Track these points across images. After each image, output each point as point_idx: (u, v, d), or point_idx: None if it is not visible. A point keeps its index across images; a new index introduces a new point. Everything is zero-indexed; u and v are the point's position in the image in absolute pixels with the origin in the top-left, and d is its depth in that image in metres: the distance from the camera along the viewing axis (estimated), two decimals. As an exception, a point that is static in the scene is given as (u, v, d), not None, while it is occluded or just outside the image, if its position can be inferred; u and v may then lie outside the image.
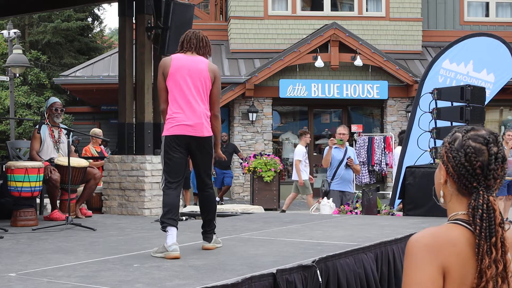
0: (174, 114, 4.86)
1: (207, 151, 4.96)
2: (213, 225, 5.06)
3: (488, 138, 1.88)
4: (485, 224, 1.81)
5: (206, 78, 4.92)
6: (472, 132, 1.90)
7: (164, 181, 4.88)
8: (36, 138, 7.61)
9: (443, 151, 1.93)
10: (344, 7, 19.82)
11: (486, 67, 10.20)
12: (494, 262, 1.79)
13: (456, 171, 1.88)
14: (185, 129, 4.82)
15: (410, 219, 7.16)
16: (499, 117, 19.89)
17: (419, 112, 8.79)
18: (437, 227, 1.88)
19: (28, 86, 22.31)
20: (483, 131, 1.90)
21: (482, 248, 1.79)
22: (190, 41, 5.01)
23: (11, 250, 5.08)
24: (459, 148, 1.88)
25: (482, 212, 1.82)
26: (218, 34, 19.35)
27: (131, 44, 8.59)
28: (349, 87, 18.00)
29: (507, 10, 20.40)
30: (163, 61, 5.02)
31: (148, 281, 3.74)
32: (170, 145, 4.84)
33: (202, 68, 4.93)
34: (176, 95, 4.86)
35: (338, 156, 9.16)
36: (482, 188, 1.85)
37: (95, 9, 26.69)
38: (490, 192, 1.86)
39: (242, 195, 18.10)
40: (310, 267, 4.04)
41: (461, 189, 1.89)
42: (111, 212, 8.25)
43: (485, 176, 1.85)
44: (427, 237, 1.83)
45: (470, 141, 1.88)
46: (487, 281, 1.77)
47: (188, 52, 5.00)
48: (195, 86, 4.87)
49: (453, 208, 1.92)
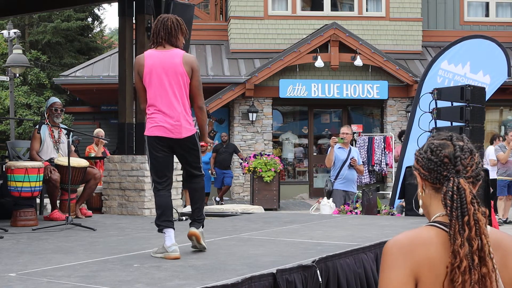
0: (153, 114, 4.71)
1: (190, 148, 4.81)
2: (201, 215, 4.88)
3: (452, 135, 1.96)
4: (456, 204, 1.82)
5: (183, 73, 4.70)
6: (436, 135, 2.00)
7: (152, 181, 4.81)
8: (36, 138, 7.61)
9: (414, 160, 2.00)
10: (344, 7, 19.83)
11: (483, 69, 10.26)
12: (468, 240, 1.79)
13: (426, 168, 1.94)
14: (163, 131, 4.68)
15: (410, 219, 7.16)
16: (499, 117, 19.89)
17: (419, 112, 8.79)
18: (413, 229, 1.90)
19: (28, 86, 22.31)
20: (448, 132, 1.98)
21: (454, 227, 1.80)
22: (158, 34, 4.72)
23: (11, 250, 5.08)
24: (426, 149, 1.97)
25: (452, 193, 1.84)
26: (218, 34, 19.37)
27: (131, 44, 8.59)
28: (349, 87, 18.00)
29: (507, 10, 20.40)
30: (137, 60, 4.80)
31: (148, 281, 3.73)
32: (153, 144, 4.73)
33: (177, 63, 4.68)
34: (153, 95, 4.69)
35: (342, 156, 9.16)
36: (452, 174, 1.89)
37: (95, 9, 26.68)
38: (460, 176, 1.88)
39: (242, 195, 18.10)
40: (310, 267, 4.04)
41: (436, 186, 1.92)
42: (111, 212, 8.25)
43: (453, 164, 1.90)
44: (402, 239, 1.86)
45: (434, 140, 1.97)
46: (461, 260, 1.77)
47: (159, 46, 4.75)
48: (171, 83, 4.67)
49: (433, 211, 1.95)
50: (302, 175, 19.02)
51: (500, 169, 11.93)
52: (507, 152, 11.75)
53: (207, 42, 19.06)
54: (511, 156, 11.79)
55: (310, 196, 18.35)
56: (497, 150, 12.02)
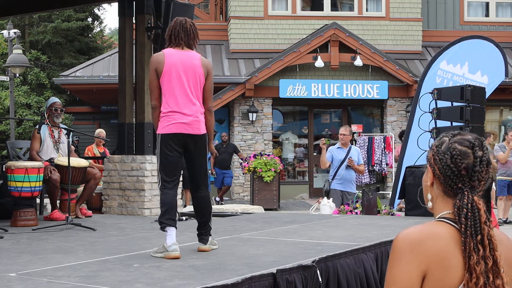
0: (170, 112, 4.77)
1: (202, 149, 4.91)
2: (208, 227, 4.94)
3: (474, 142, 1.95)
4: (470, 222, 1.86)
5: (201, 75, 4.85)
6: (458, 136, 1.97)
7: (160, 180, 4.82)
8: (36, 138, 7.61)
9: (430, 154, 2.00)
10: (344, 7, 19.82)
11: (481, 69, 10.30)
12: (483, 258, 1.83)
13: (442, 172, 1.94)
14: (182, 127, 4.76)
15: (410, 219, 7.16)
16: (499, 117, 19.89)
17: (418, 112, 8.80)
18: (422, 224, 1.94)
19: (28, 86, 22.31)
20: (469, 136, 1.97)
21: (469, 245, 1.84)
22: (178, 35, 4.87)
23: (11, 250, 5.08)
24: (446, 151, 1.95)
25: (467, 211, 1.87)
26: (218, 34, 19.37)
27: (131, 44, 8.59)
28: (349, 87, 18.00)
29: (507, 10, 20.40)
30: (156, 57, 4.89)
31: (148, 281, 3.73)
32: (167, 143, 4.77)
33: (196, 64, 4.84)
34: (172, 93, 4.77)
35: (340, 156, 9.15)
36: (467, 188, 1.91)
37: (95, 9, 26.68)
38: (475, 193, 1.91)
39: (242, 195, 18.10)
40: (310, 267, 4.04)
41: (447, 191, 1.95)
42: (111, 212, 8.25)
43: (469, 177, 1.91)
44: (412, 233, 1.89)
45: (456, 144, 1.95)
46: (477, 277, 1.81)
47: (177, 47, 4.88)
48: (189, 83, 4.79)
49: (438, 209, 1.98)
50: (302, 175, 19.02)
51: (500, 169, 11.93)
52: (507, 152, 11.74)
53: (207, 42, 19.06)
54: (511, 156, 11.78)
55: (310, 196, 18.36)
56: (497, 150, 12.02)
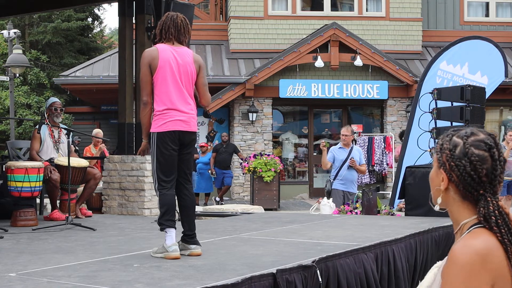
0: (166, 110, 4.68)
1: (194, 147, 4.92)
2: (194, 226, 4.82)
3: (489, 142, 1.85)
4: (504, 229, 1.79)
5: (193, 71, 4.79)
6: (472, 137, 1.87)
7: (157, 180, 4.72)
8: (36, 138, 7.61)
9: (444, 158, 1.89)
10: (344, 7, 19.82)
11: (480, 70, 10.30)
12: None
13: (461, 180, 1.85)
14: (179, 124, 4.70)
15: (410, 219, 7.16)
16: (499, 117, 19.89)
17: (418, 112, 8.80)
18: (475, 235, 1.81)
19: (28, 86, 22.31)
20: (482, 135, 1.87)
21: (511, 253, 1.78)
22: (168, 30, 4.76)
23: (11, 250, 5.07)
24: (463, 157, 1.85)
25: (496, 219, 1.79)
26: (218, 34, 19.37)
27: (131, 44, 8.59)
28: (349, 87, 18.00)
29: (507, 10, 20.40)
30: (150, 52, 4.75)
31: (148, 281, 3.73)
32: (163, 141, 4.68)
33: (189, 61, 4.77)
34: (166, 89, 4.69)
35: (342, 156, 9.16)
36: (489, 194, 1.83)
37: (95, 9, 26.69)
38: (497, 198, 1.84)
39: (242, 195, 18.10)
40: (310, 267, 4.04)
41: (467, 196, 1.86)
42: (111, 212, 8.25)
43: (490, 182, 1.84)
44: (478, 245, 1.77)
45: (473, 148, 1.85)
46: None
47: (168, 42, 4.79)
48: (182, 79, 4.73)
49: (458, 212, 1.89)
50: (302, 175, 19.02)
51: (500, 169, 11.92)
52: (507, 152, 11.74)
53: (207, 42, 19.06)
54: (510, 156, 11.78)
55: (310, 196, 18.36)
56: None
